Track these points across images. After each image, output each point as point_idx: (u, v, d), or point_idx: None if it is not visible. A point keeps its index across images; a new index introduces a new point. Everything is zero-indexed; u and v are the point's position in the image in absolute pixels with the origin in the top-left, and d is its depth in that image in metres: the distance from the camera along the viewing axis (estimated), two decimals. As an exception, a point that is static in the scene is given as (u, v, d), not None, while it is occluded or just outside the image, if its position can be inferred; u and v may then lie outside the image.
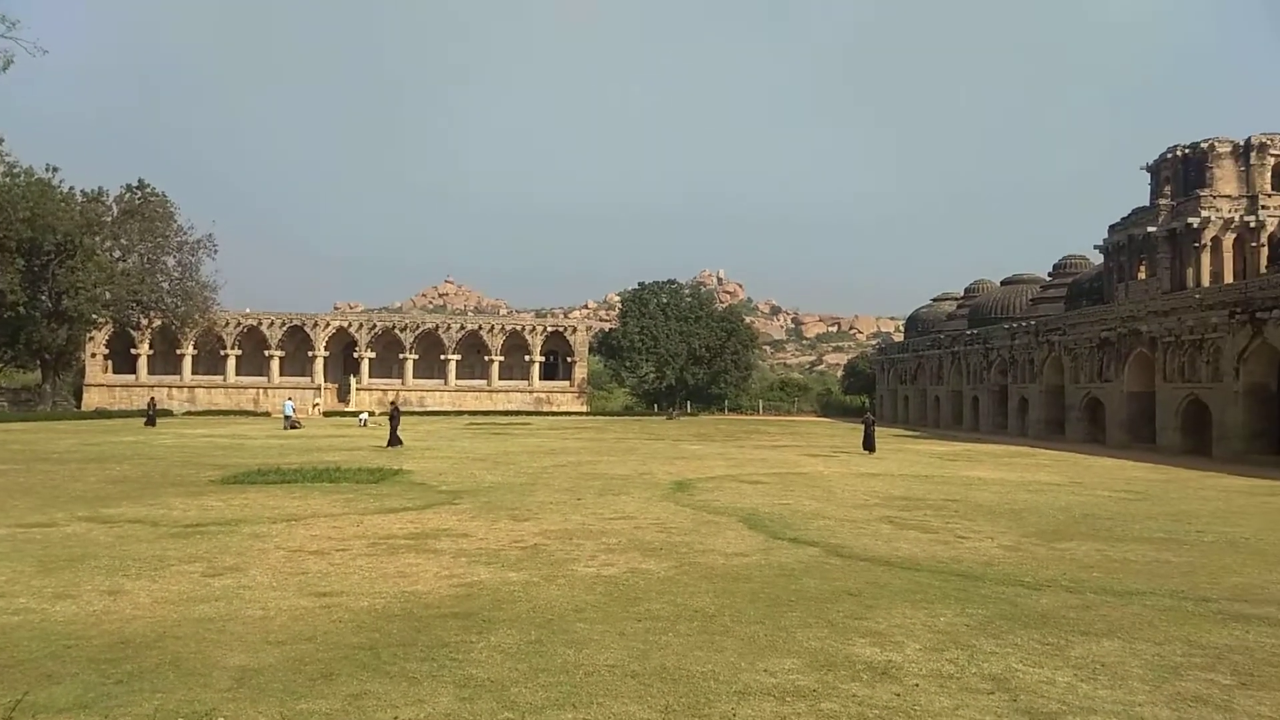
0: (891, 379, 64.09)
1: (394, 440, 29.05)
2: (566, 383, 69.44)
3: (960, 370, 51.32)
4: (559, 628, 7.37)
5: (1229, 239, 36.51)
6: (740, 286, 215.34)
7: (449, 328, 68.62)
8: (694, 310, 71.84)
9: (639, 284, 73.86)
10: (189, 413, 58.99)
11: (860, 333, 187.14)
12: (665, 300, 71.77)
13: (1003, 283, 56.59)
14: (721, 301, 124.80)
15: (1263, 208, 36.15)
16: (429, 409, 62.98)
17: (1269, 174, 37.17)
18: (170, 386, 63.31)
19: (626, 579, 9.33)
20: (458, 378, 67.41)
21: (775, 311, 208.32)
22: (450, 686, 5.88)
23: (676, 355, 68.50)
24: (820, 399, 78.47)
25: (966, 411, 50.32)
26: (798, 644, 6.98)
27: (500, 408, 64.98)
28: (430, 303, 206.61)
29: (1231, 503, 17.30)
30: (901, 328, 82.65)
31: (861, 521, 13.87)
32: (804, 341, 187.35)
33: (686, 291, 76.90)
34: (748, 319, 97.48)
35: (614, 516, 13.94)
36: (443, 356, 67.32)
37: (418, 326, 68.59)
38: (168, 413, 54.17)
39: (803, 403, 76.70)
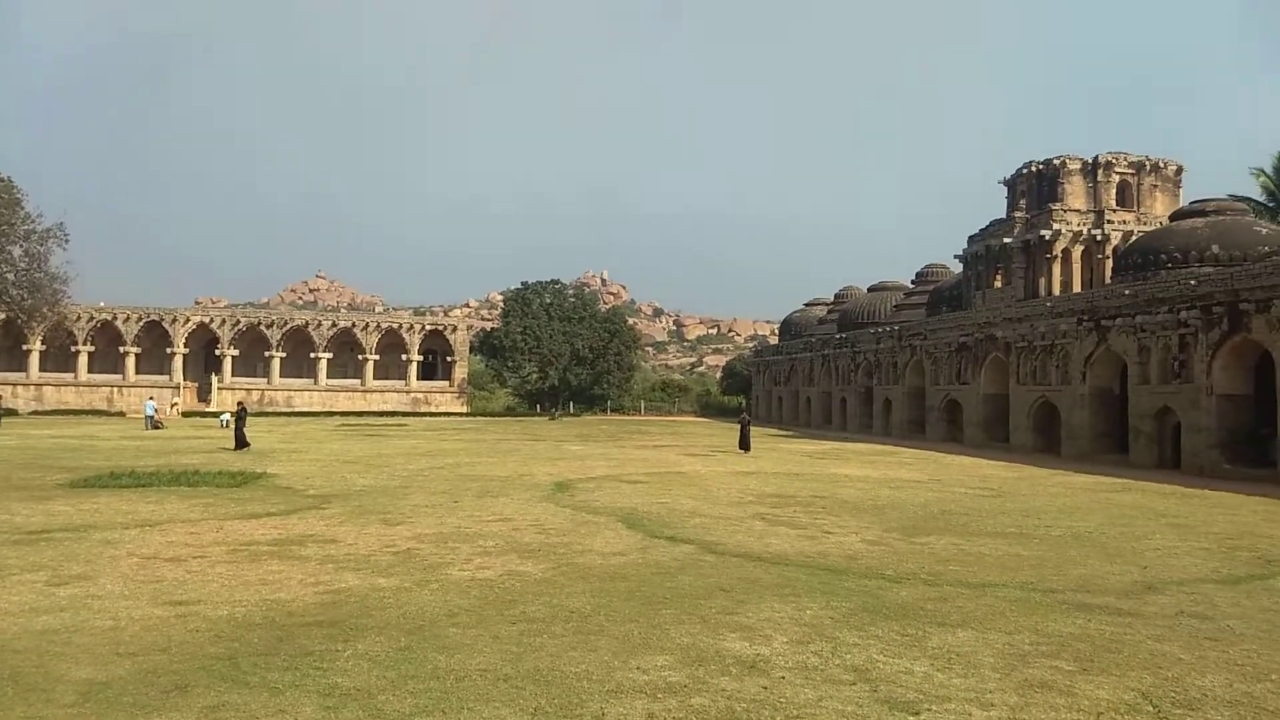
0: (767, 380, 65.77)
1: (240, 443, 27.74)
2: (446, 383, 68.17)
3: (830, 372, 53.14)
4: (430, 633, 7.24)
5: (1078, 251, 39.10)
6: (624, 288, 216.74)
7: (320, 325, 66.28)
8: (577, 310, 71.79)
9: (522, 283, 73.29)
10: (36, 412, 54.92)
11: (739, 335, 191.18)
12: (549, 300, 71.45)
13: (870, 289, 58.90)
14: (605, 302, 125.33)
15: (1108, 222, 38.88)
16: (298, 410, 60.67)
17: (1114, 190, 40.02)
18: (15, 384, 58.77)
19: (502, 582, 9.25)
20: (329, 377, 65.19)
21: (658, 313, 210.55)
22: (314, 696, 5.69)
23: (560, 355, 68.32)
24: (700, 399, 79.76)
25: (835, 412, 52.14)
26: (671, 641, 7.08)
27: (375, 409, 63.21)
28: (300, 299, 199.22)
29: (1077, 499, 18.51)
30: (777, 331, 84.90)
31: (736, 519, 14.18)
32: (685, 343, 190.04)
33: (570, 292, 76.74)
34: (631, 320, 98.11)
35: (492, 519, 13.78)
36: (313, 355, 64.97)
37: (286, 323, 65.95)
38: (12, 412, 50.29)
39: (683, 403, 77.80)
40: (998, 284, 41.10)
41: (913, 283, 53.97)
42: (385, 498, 16.29)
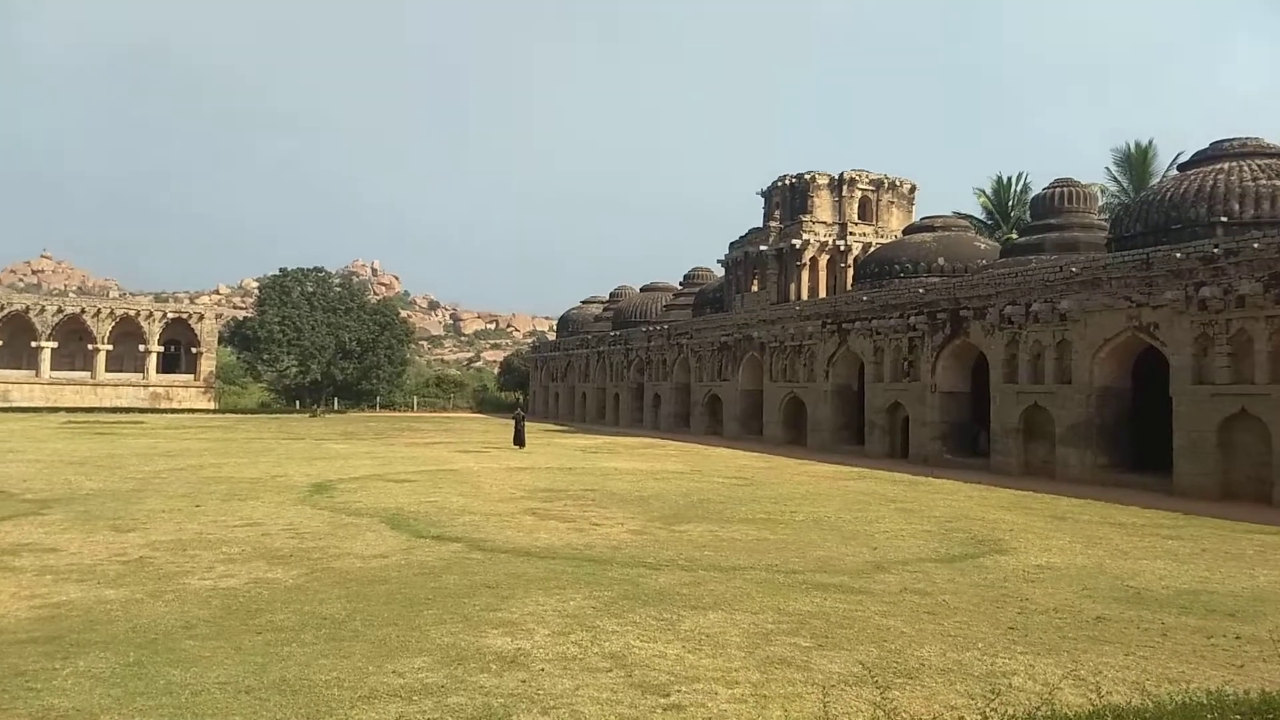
0: (544, 376, 66.08)
1: None
2: (190, 376, 62.82)
3: (605, 368, 54.29)
4: (164, 647, 6.67)
5: (824, 259, 42.31)
6: (397, 279, 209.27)
7: (43, 310, 59.02)
8: (344, 301, 68.50)
9: (281, 269, 68.92)
10: None
11: (517, 330, 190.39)
12: (312, 289, 67.61)
13: (642, 289, 60.73)
14: (376, 293, 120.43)
15: (850, 234, 42.37)
16: (16, 405, 53.70)
17: (856, 205, 43.66)
18: None
19: (248, 590, 8.68)
20: (54, 369, 58.20)
21: (434, 306, 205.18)
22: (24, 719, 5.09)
23: (323, 348, 64.89)
24: (477, 395, 78.69)
25: (610, 407, 53.35)
26: (430, 642, 6.96)
27: (108, 404, 57.16)
28: (21, 280, 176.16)
29: (819, 486, 20.05)
30: (554, 327, 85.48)
31: (507, 515, 14.15)
32: (462, 338, 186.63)
33: (337, 281, 73.14)
34: (405, 313, 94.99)
35: (239, 524, 12.89)
36: (35, 344, 57.76)
37: (3, 308, 58.22)
38: None
39: (459, 399, 76.42)
40: (755, 288, 43.64)
41: (681, 284, 56.19)
42: (116, 502, 14.79)
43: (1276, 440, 17.33)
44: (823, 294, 40.36)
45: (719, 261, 47.52)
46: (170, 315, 63.16)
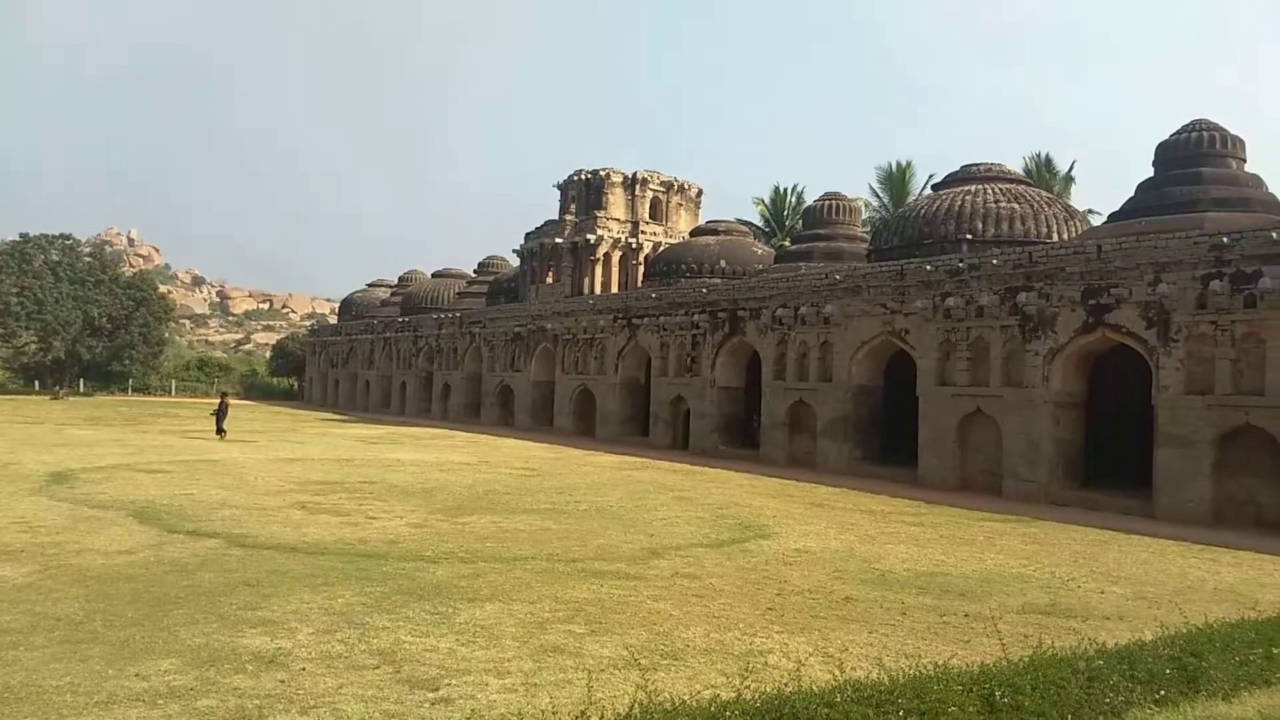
0: (324, 362, 62.93)
1: None
2: (-97, 351, 54.80)
3: (391, 355, 52.52)
4: None
5: (617, 256, 43.11)
6: (156, 250, 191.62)
7: None
8: (95, 273, 61.89)
9: (22, 235, 61.34)
10: None
11: (294, 312, 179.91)
12: (57, 258, 60.60)
13: (434, 274, 59.23)
14: (132, 266, 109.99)
15: (641, 232, 43.44)
16: None
17: (648, 204, 44.77)
18: None
19: (-36, 591, 7.74)
20: None
21: (199, 282, 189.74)
22: None
23: (68, 324, 58.36)
24: (246, 380, 73.70)
25: (395, 396, 51.67)
26: (180, 643, 6.50)
27: None
28: None
29: (604, 476, 20.46)
30: (336, 310, 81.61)
31: (273, 509, 13.41)
32: (231, 318, 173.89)
33: (86, 250, 66.01)
34: (164, 288, 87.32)
35: (-44, 516, 11.44)
36: None
37: None
38: None
39: (225, 384, 71.23)
40: (550, 280, 43.78)
41: (475, 272, 55.34)
42: None
43: (1006, 438, 19.51)
44: (615, 289, 41.10)
45: (515, 251, 47.22)
46: (-126, 280, 54.65)
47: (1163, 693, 5.68)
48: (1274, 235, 15.62)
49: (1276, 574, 11.31)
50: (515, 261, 48.17)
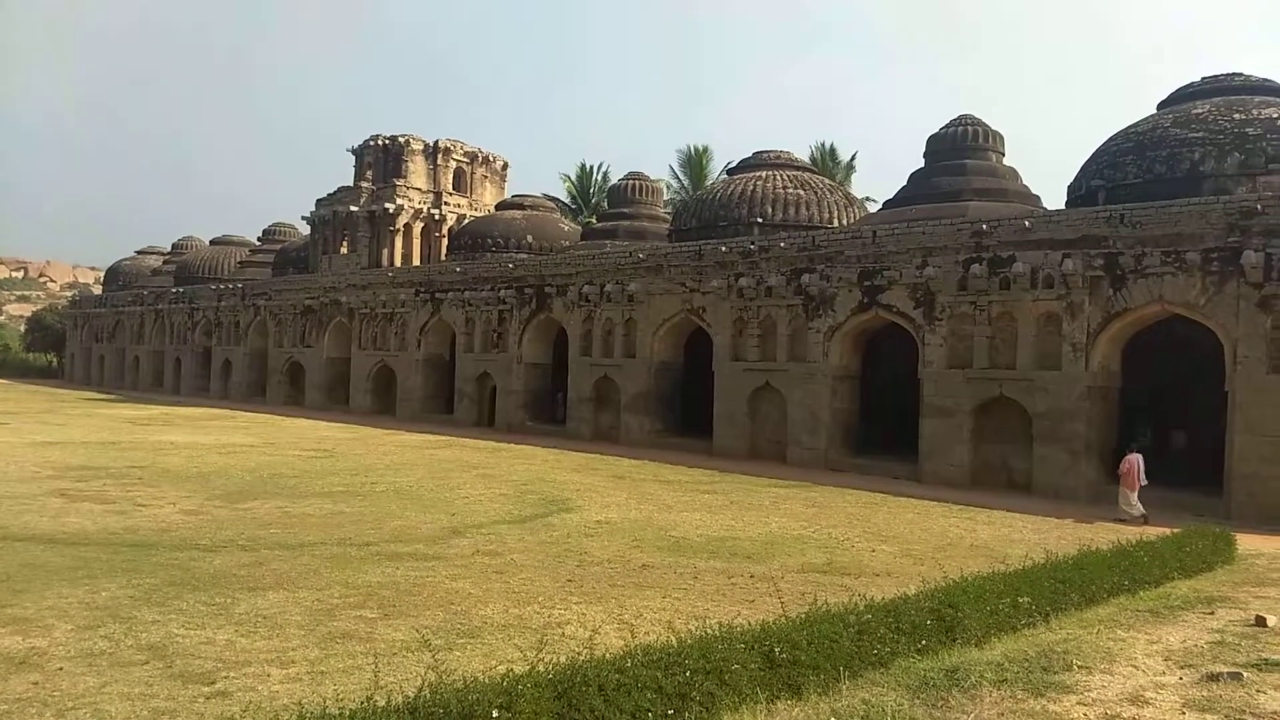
0: (87, 336, 57.14)
1: None
2: None
3: (164, 329, 48.49)
4: None
5: (418, 227, 41.77)
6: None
7: None
8: None
9: None
10: None
11: (53, 281, 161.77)
12: None
13: (212, 242, 55.11)
14: None
15: (445, 204, 42.28)
16: None
17: (451, 175, 43.63)
18: None
19: None
20: None
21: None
22: None
23: None
24: (-6, 356, 65.84)
25: (169, 373, 47.80)
26: (-96, 653, 5.76)
27: None
28: None
29: (405, 455, 19.92)
30: (101, 280, 74.24)
31: (27, 496, 12.14)
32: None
33: None
34: (-116, 252, 76.16)
35: None
36: None
37: None
38: None
39: (-35, 361, 63.33)
40: (345, 250, 41.83)
41: (259, 240, 51.91)
42: None
43: (791, 409, 20.69)
44: (416, 262, 39.88)
45: (304, 219, 44.60)
46: None
47: (924, 642, 6.24)
48: (1026, 224, 17.39)
49: (1024, 531, 12.70)
50: (305, 229, 45.57)
